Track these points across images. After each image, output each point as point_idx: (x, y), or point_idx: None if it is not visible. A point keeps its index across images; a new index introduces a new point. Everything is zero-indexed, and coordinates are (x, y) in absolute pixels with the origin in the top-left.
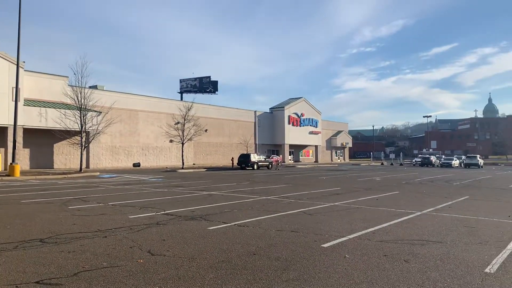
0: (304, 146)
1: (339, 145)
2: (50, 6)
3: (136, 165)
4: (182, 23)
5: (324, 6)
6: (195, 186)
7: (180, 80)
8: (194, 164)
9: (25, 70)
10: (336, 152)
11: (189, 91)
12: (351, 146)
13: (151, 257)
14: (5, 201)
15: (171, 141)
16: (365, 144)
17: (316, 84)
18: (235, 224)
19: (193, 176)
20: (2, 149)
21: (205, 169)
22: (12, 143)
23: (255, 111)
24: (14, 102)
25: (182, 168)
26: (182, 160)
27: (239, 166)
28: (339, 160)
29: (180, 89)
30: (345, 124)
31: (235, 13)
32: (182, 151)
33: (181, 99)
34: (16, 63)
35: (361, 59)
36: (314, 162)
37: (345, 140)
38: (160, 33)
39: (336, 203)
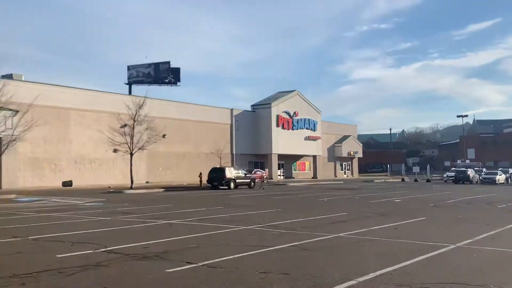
0: (299, 157)
1: (345, 154)
2: None
3: (67, 184)
4: None
5: None
6: (149, 213)
7: (129, 67)
8: (147, 182)
9: None
10: (341, 165)
11: (141, 82)
12: (361, 156)
13: None
14: None
15: (115, 150)
16: (380, 154)
17: (314, 73)
18: (203, 265)
19: (147, 199)
20: None
21: (163, 189)
22: None
23: (231, 110)
24: None
25: (131, 187)
26: (131, 177)
27: (209, 185)
28: (345, 175)
29: (128, 79)
30: (353, 127)
31: None
32: (131, 165)
33: (130, 93)
34: None
35: (373, 39)
36: (312, 178)
37: (354, 148)
38: (101, 3)
39: (340, 234)
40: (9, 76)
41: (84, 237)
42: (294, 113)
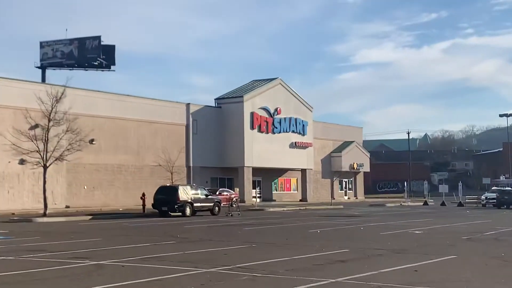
0: (282, 171)
1: (346, 168)
2: None
3: None
4: None
5: None
6: (69, 250)
7: (42, 43)
8: (67, 206)
9: None
10: (340, 182)
11: (59, 65)
12: (368, 170)
13: None
14: None
15: (22, 161)
16: (394, 167)
17: (304, 54)
18: None
19: (66, 231)
20: None
21: (90, 217)
22: None
23: (187, 105)
24: None
25: (45, 214)
26: (45, 199)
27: (156, 210)
28: (346, 197)
29: (41, 61)
30: (358, 130)
31: None
32: (45, 182)
33: (43, 80)
34: None
35: (385, 9)
36: (300, 200)
37: (358, 158)
38: None
39: (339, 279)
40: None
41: None
42: (276, 110)
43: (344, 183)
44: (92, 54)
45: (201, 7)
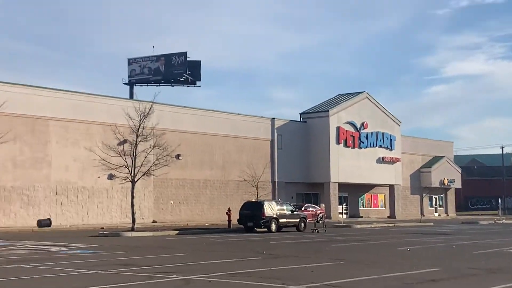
0: (369, 187)
1: (436, 184)
2: None
3: (45, 223)
4: None
5: None
6: (157, 265)
7: (129, 60)
8: (154, 221)
9: None
10: (430, 199)
11: (146, 82)
12: (459, 186)
13: None
14: None
15: (111, 177)
16: (488, 183)
17: (391, 67)
18: None
19: (154, 245)
20: None
21: (177, 232)
22: None
23: (272, 120)
24: None
25: (133, 229)
26: (133, 214)
27: (242, 226)
28: (436, 214)
29: (129, 77)
30: (448, 145)
31: None
32: (133, 197)
33: (131, 96)
34: None
35: (475, 19)
36: (388, 217)
37: (448, 174)
38: None
39: None
40: None
41: None
42: (362, 124)
43: (434, 199)
44: (178, 70)
45: (284, 22)
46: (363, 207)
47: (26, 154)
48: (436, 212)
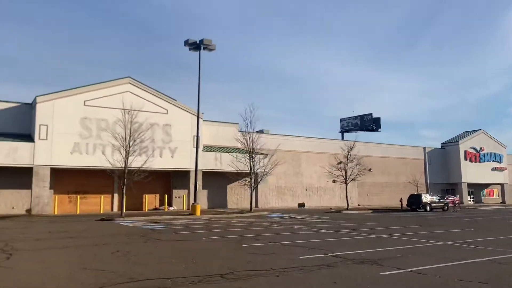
0: (486, 185)
1: None
2: (219, 65)
3: (301, 205)
4: (339, 63)
5: (498, 26)
6: (361, 228)
7: (341, 119)
8: (358, 205)
9: (203, 120)
10: None
11: (350, 130)
12: None
13: None
14: (190, 238)
15: (334, 181)
16: None
17: (495, 114)
18: (410, 271)
19: (359, 218)
20: (186, 191)
21: (371, 211)
22: (193, 185)
23: (424, 147)
24: (195, 149)
25: (347, 209)
26: (347, 200)
27: (409, 208)
28: None
29: (340, 128)
30: None
31: (394, 46)
32: (346, 192)
33: (342, 138)
34: (196, 114)
35: None
36: (501, 203)
37: None
38: (318, 75)
39: None
40: (261, 131)
41: (316, 245)
42: (481, 148)
43: None
44: (368, 123)
45: (427, 92)
46: (484, 196)
47: (290, 170)
48: None
